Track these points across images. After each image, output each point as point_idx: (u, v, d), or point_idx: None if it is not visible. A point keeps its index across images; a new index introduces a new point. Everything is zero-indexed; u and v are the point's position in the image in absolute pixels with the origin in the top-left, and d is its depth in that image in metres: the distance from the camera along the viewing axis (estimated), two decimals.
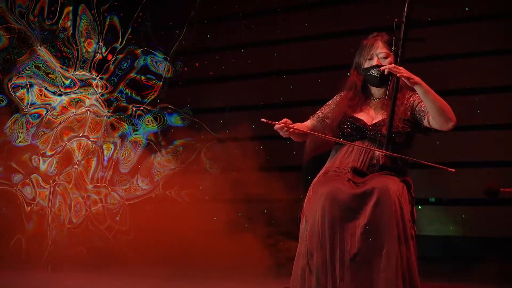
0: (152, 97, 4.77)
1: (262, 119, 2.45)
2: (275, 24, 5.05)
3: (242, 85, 5.15)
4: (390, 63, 2.45)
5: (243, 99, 5.09)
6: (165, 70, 4.78)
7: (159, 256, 4.40)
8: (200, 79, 5.22)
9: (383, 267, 2.16)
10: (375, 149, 2.43)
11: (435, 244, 4.38)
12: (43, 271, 4.36)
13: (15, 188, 4.64)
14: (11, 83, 4.69)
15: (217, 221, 4.53)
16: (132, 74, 4.79)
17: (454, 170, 2.30)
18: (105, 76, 4.76)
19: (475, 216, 4.36)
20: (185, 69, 4.76)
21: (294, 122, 2.53)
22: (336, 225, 2.22)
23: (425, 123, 2.45)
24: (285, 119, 2.47)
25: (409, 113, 2.48)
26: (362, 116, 2.54)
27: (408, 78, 2.30)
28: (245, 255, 4.18)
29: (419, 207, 4.38)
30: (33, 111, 4.69)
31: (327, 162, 2.59)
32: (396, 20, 2.34)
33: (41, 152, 4.66)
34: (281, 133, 2.48)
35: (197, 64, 5.00)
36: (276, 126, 2.45)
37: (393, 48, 2.37)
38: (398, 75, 2.31)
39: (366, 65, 2.54)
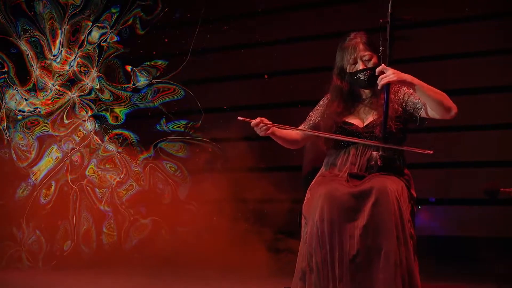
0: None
1: (239, 118, 2.48)
2: (275, 24, 5.05)
3: (242, 85, 5.15)
4: (375, 64, 2.44)
5: (243, 99, 5.08)
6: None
7: (158, 256, 4.41)
8: (199, 79, 5.22)
9: (381, 267, 2.16)
10: (372, 142, 2.42)
11: (435, 244, 4.37)
12: (43, 271, 4.37)
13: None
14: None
15: (217, 221, 4.53)
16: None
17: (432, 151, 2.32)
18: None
19: (475, 216, 4.35)
20: None
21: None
22: (334, 226, 2.21)
23: (422, 114, 2.43)
24: (260, 118, 2.49)
25: (400, 108, 2.47)
26: (352, 119, 2.53)
27: (399, 81, 2.28)
28: (245, 255, 4.18)
29: (419, 207, 4.37)
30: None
31: (323, 167, 2.59)
32: (381, 20, 2.32)
33: None
34: (259, 132, 2.50)
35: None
36: (252, 123, 2.48)
37: (380, 48, 2.35)
38: (389, 81, 2.27)
39: (351, 69, 2.51)
